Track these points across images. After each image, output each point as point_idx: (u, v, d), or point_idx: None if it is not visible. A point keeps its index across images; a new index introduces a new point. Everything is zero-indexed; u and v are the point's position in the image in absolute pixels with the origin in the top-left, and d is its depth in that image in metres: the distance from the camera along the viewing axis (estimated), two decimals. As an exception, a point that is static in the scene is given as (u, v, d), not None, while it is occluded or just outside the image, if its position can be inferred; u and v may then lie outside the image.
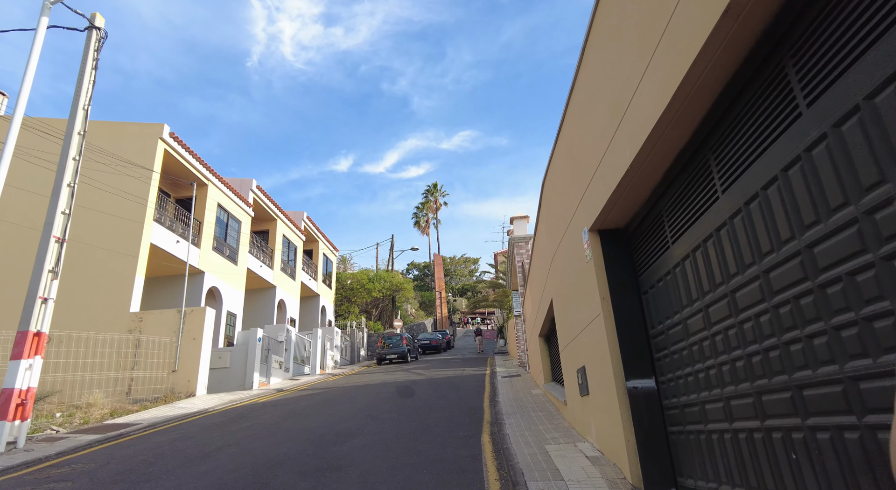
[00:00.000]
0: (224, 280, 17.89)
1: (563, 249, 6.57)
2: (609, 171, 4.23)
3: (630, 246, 5.01)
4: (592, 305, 5.15)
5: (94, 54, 8.76)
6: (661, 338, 4.41)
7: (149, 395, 11.74)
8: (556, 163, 6.68)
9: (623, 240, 5.03)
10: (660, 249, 4.26)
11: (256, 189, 20.85)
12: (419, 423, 8.03)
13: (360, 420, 8.64)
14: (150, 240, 14.02)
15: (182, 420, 9.45)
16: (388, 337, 24.81)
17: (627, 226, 4.95)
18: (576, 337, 6.16)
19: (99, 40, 8.84)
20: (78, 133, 8.40)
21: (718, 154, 3.15)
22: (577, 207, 5.46)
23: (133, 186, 13.95)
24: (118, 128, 14.89)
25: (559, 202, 6.63)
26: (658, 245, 4.29)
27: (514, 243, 16.46)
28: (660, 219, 4.21)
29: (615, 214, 4.71)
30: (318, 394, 13.09)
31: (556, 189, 6.90)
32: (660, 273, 4.29)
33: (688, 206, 3.64)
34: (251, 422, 8.99)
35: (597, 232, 5.09)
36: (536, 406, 8.89)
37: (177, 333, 12.75)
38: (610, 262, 4.98)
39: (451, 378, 15.20)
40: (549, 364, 11.12)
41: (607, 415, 5.01)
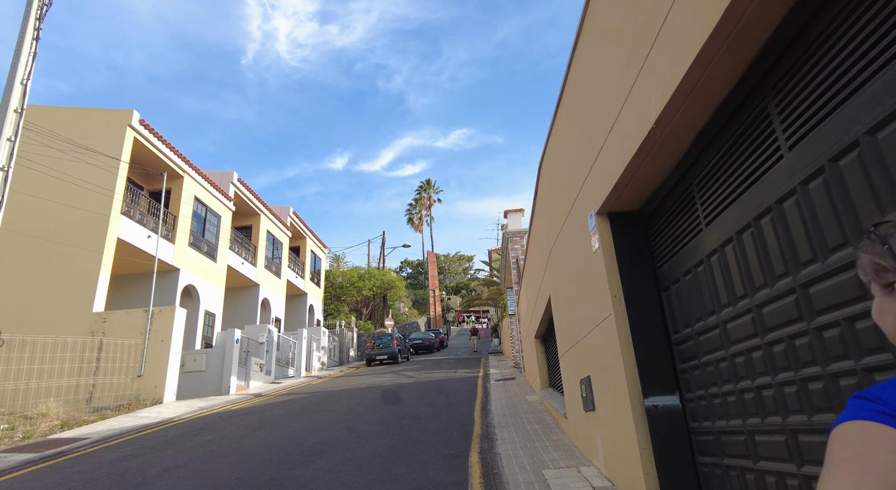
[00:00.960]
0: (201, 278, 16.91)
1: (563, 239, 5.69)
2: (625, 136, 3.35)
3: (647, 232, 4.14)
4: (601, 304, 4.27)
5: (35, 23, 7.79)
6: (687, 345, 3.54)
7: (111, 403, 10.78)
8: (556, 136, 5.80)
9: (638, 225, 4.15)
10: (688, 234, 3.38)
11: (238, 182, 19.86)
12: (400, 437, 7.14)
13: (335, 432, 7.74)
14: (116, 234, 13.02)
15: (139, 432, 8.51)
16: (377, 337, 23.90)
17: (644, 207, 4.07)
18: (579, 341, 5.28)
19: (42, 7, 7.86)
20: (14, 111, 7.43)
21: (785, 97, 2.27)
22: (582, 187, 4.57)
23: (99, 177, 12.95)
24: (83, 114, 13.88)
25: (559, 183, 5.75)
26: (685, 228, 3.41)
27: (508, 238, 15.58)
28: (688, 195, 3.33)
29: (630, 193, 3.83)
30: (297, 399, 12.18)
31: (556, 168, 6.03)
32: (687, 264, 3.42)
33: (731, 174, 2.76)
34: (215, 434, 8.06)
35: (606, 216, 4.21)
36: (532, 417, 8.02)
37: (144, 335, 11.79)
38: (623, 251, 4.11)
39: (442, 381, 14.32)
40: (546, 368, 10.25)
41: (619, 437, 4.13)
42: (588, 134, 4.28)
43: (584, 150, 4.42)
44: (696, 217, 3.26)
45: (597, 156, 4.04)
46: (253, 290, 21.01)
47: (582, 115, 4.46)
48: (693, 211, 3.29)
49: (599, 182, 4.06)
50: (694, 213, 3.28)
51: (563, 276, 6.00)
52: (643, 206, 4.07)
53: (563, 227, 5.60)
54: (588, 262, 4.60)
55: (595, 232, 4.27)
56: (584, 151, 4.45)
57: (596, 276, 4.35)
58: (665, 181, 3.56)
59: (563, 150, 5.37)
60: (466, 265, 66.02)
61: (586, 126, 4.32)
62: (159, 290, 15.17)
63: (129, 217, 13.69)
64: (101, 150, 12.90)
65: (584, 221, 4.61)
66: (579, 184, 4.67)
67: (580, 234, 4.81)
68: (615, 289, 4.00)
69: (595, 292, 4.42)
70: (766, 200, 2.45)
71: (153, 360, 11.68)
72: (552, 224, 6.45)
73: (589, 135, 4.25)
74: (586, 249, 4.60)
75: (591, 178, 4.30)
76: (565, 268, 5.80)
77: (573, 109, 4.78)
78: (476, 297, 33.52)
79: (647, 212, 4.05)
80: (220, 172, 19.56)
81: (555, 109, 5.56)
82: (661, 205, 3.82)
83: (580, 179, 4.62)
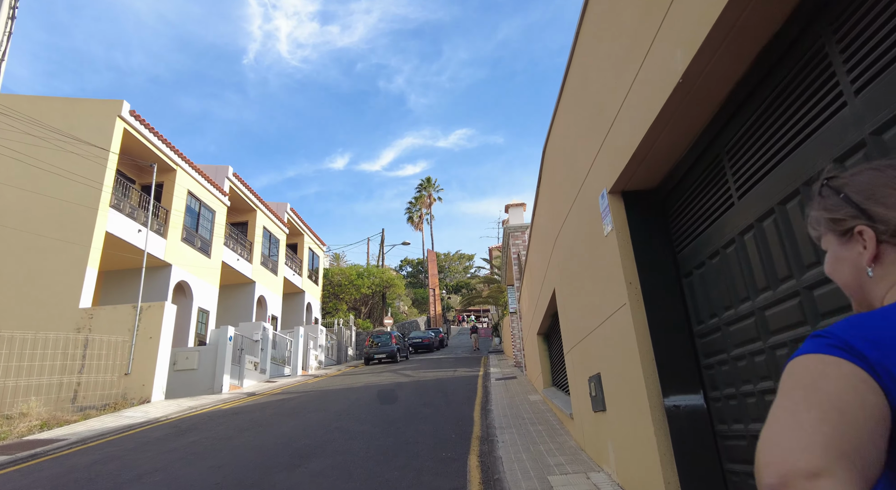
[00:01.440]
0: (195, 274, 16.50)
1: (570, 225, 5.27)
2: (644, 99, 2.93)
3: (665, 213, 3.72)
4: (613, 293, 3.86)
5: (11, 1, 7.39)
6: (713, 337, 3.13)
7: (97, 402, 10.37)
8: (563, 112, 5.37)
9: (656, 205, 3.74)
10: (715, 211, 2.97)
11: (233, 177, 19.45)
12: (395, 439, 6.73)
13: (327, 433, 7.33)
14: (105, 228, 12.61)
15: (121, 433, 8.11)
16: (376, 335, 23.48)
17: (661, 185, 3.65)
18: (588, 335, 4.86)
19: (18, -15, 7.45)
20: (-13, 92, 7.02)
21: (849, 31, 1.86)
22: (592, 165, 4.16)
23: (87, 169, 12.53)
24: (72, 104, 13.47)
25: (566, 165, 5.34)
26: (711, 205, 3.00)
27: (509, 233, 15.15)
28: (717, 165, 2.92)
29: (647, 168, 3.41)
30: (291, 398, 11.77)
31: (562, 149, 5.61)
32: (714, 245, 3.00)
33: (775, 133, 2.34)
34: (200, 435, 7.65)
35: (620, 195, 3.79)
36: (535, 417, 7.60)
37: (131, 332, 11.38)
38: (638, 234, 3.69)
39: (441, 380, 13.91)
40: (549, 366, 9.83)
41: (634, 441, 3.72)
42: (599, 104, 3.86)
43: (595, 123, 4.01)
44: (725, 190, 2.84)
45: (609, 127, 3.62)
46: (249, 287, 20.60)
47: (593, 83, 4.04)
48: (722, 183, 2.88)
49: (612, 157, 3.65)
50: (723, 186, 2.87)
51: (570, 266, 5.59)
52: (661, 183, 3.65)
53: (569, 213, 5.18)
54: (599, 247, 4.18)
55: (607, 213, 3.85)
56: (594, 124, 4.03)
57: (608, 263, 3.94)
58: (688, 151, 3.14)
59: (571, 127, 4.95)
60: (467, 264, 65.61)
61: (598, 95, 3.90)
62: (151, 285, 14.77)
63: (118, 210, 13.28)
64: (91, 142, 12.50)
65: (594, 203, 4.19)
66: (589, 162, 4.25)
67: (589, 218, 4.40)
68: (630, 275, 3.58)
69: (607, 280, 4.01)
70: (823, 159, 2.03)
71: (141, 357, 11.27)
72: (557, 211, 6.03)
73: (600, 105, 3.83)
74: (597, 234, 4.19)
75: (602, 153, 3.88)
76: (572, 256, 5.38)
77: (582, 79, 4.36)
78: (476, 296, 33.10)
79: (666, 190, 3.63)
80: (215, 167, 19.15)
81: (562, 83, 5.13)
82: (683, 181, 3.40)
83: (590, 157, 4.20)
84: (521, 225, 15.01)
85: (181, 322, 15.89)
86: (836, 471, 0.49)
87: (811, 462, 0.50)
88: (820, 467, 0.50)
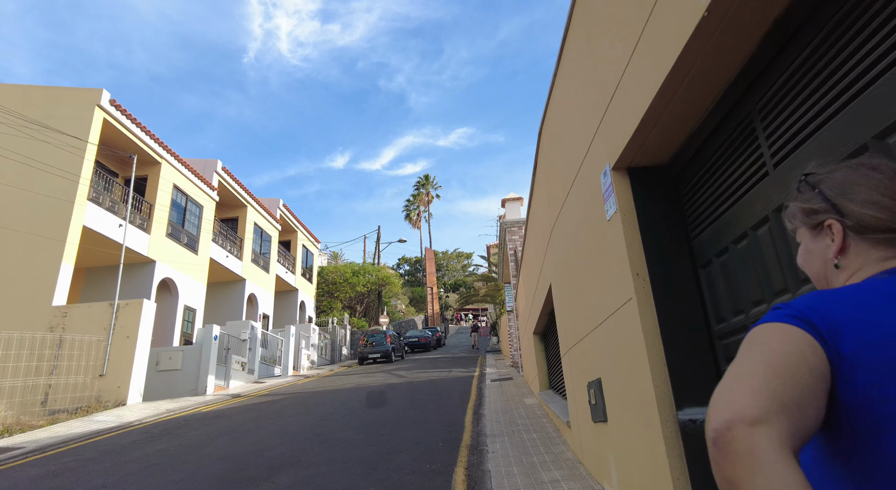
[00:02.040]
0: (181, 271, 15.95)
1: (568, 210, 4.73)
2: (657, 45, 2.39)
3: (678, 192, 3.18)
4: (617, 286, 3.31)
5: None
6: (738, 338, 2.58)
7: (69, 405, 9.83)
8: (562, 79, 4.81)
9: (667, 183, 3.20)
10: (742, 185, 2.42)
11: (222, 171, 18.88)
12: (378, 448, 6.19)
13: (305, 440, 6.79)
14: (82, 222, 12.05)
15: (86, 440, 7.56)
16: (371, 334, 22.93)
17: (674, 160, 3.11)
18: (587, 335, 4.32)
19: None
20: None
21: None
22: (594, 137, 3.61)
23: (64, 160, 11.98)
24: (49, 93, 12.91)
25: (564, 144, 4.80)
26: (738, 178, 2.45)
27: (505, 228, 14.59)
28: (745, 128, 2.36)
29: (658, 138, 2.87)
30: (276, 401, 11.23)
31: (560, 125, 5.07)
32: (741, 225, 2.46)
33: (828, 79, 1.80)
34: (170, 442, 7.11)
35: (626, 172, 3.24)
36: (530, 423, 7.06)
37: (108, 331, 10.83)
38: (647, 217, 3.14)
39: (435, 381, 13.38)
40: (545, 367, 9.30)
41: (641, 459, 3.18)
42: (604, 60, 3.31)
43: (598, 89, 3.46)
44: (757, 157, 2.29)
45: (615, 90, 3.07)
46: (239, 284, 20.05)
47: (597, 38, 3.49)
48: (752, 150, 2.33)
49: (617, 126, 3.10)
50: (754, 153, 2.32)
51: (568, 258, 5.04)
52: (673, 157, 3.11)
53: (567, 197, 4.64)
54: (600, 234, 3.63)
55: (610, 194, 3.31)
56: (597, 90, 3.49)
57: (611, 252, 3.39)
58: (710, 113, 2.59)
59: (571, 94, 4.40)
60: (465, 262, 65.09)
61: (602, 49, 3.34)
62: (133, 283, 14.22)
63: (97, 204, 12.71)
64: (68, 132, 11.94)
65: (595, 184, 3.65)
66: (590, 134, 3.70)
67: (590, 201, 3.85)
68: (637, 265, 3.04)
69: (610, 272, 3.46)
70: None
71: (117, 357, 10.72)
72: (554, 198, 5.48)
73: (605, 61, 3.28)
74: (598, 219, 3.64)
75: (605, 124, 3.33)
76: (570, 246, 4.83)
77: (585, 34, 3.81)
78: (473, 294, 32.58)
79: (679, 165, 3.08)
80: (203, 160, 18.59)
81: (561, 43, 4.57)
82: (700, 152, 2.85)
83: (591, 128, 3.66)
84: (518, 220, 14.46)
85: (166, 320, 15.35)
86: (775, 420, 0.54)
87: (754, 410, 0.54)
88: (761, 416, 0.54)
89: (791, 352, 0.60)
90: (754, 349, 0.63)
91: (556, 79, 4.91)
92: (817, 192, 0.79)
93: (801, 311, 0.66)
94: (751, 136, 2.34)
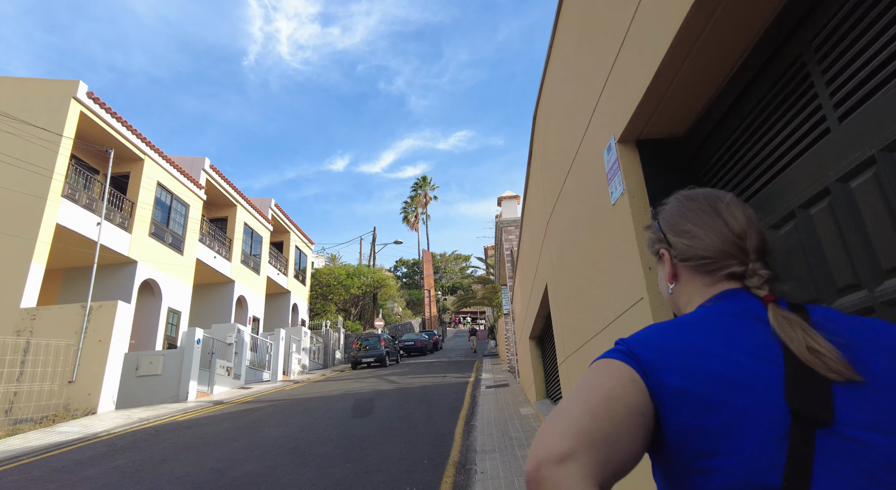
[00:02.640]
0: (164, 271, 15.35)
1: (566, 198, 4.15)
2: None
3: (697, 170, 2.60)
4: (625, 285, 2.73)
5: None
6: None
7: (35, 414, 9.22)
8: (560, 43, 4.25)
9: (684, 158, 2.62)
10: (787, 152, 1.84)
11: (210, 169, 18.30)
12: (356, 465, 5.59)
13: (277, 456, 6.19)
14: (55, 219, 11.45)
15: (42, 454, 6.96)
16: (364, 338, 22.31)
17: (693, 131, 2.53)
18: (588, 342, 3.73)
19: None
20: None
21: None
22: (597, 106, 3.03)
23: (37, 155, 11.40)
24: (21, 84, 12.33)
25: (561, 120, 4.23)
26: (782, 141, 1.87)
27: (501, 228, 14.01)
28: (797, 73, 1.78)
29: (675, 103, 2.29)
30: (257, 409, 10.62)
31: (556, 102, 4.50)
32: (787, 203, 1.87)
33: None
34: (131, 457, 6.51)
35: (634, 146, 2.66)
36: (525, 437, 6.47)
37: (79, 334, 10.23)
38: (659, 200, 2.56)
39: (427, 387, 12.78)
40: (542, 375, 8.71)
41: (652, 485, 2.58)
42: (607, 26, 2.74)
43: (602, 41, 2.89)
44: (813, 111, 1.72)
45: (623, 38, 2.50)
46: (227, 286, 19.45)
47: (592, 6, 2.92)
48: (806, 102, 1.75)
49: (624, 87, 2.53)
50: (807, 106, 1.74)
51: (565, 254, 4.46)
52: (692, 127, 2.52)
53: (565, 182, 4.06)
54: (604, 223, 3.05)
55: (616, 173, 2.73)
56: (600, 42, 2.91)
57: (617, 243, 2.81)
58: (744, 64, 2.01)
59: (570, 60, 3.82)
60: (464, 265, 64.49)
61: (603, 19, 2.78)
62: (112, 284, 13.63)
63: (72, 201, 12.12)
64: (40, 125, 11.36)
65: (597, 163, 3.07)
66: (591, 104, 3.12)
67: (591, 184, 3.27)
68: (650, 258, 2.46)
69: (615, 268, 2.88)
70: None
71: (89, 363, 10.11)
72: (550, 185, 4.90)
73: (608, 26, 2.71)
74: (600, 204, 3.07)
75: (611, 86, 2.75)
76: (568, 240, 4.25)
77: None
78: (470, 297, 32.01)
79: (699, 137, 2.49)
80: (191, 158, 18.02)
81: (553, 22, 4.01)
82: (728, 118, 2.27)
83: (592, 97, 3.08)
84: (515, 219, 13.88)
85: (148, 323, 14.76)
86: (580, 457, 0.53)
87: (561, 449, 0.54)
88: (567, 454, 0.53)
89: (610, 387, 0.61)
90: (582, 386, 0.63)
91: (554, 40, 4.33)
92: (656, 223, 0.85)
93: (630, 346, 0.67)
94: (803, 83, 1.75)
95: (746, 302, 0.70)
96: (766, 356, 0.62)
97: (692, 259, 0.76)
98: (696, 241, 0.76)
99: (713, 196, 0.81)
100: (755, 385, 0.59)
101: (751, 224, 0.75)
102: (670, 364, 0.63)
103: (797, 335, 0.62)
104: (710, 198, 0.80)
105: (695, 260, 0.76)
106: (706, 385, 0.60)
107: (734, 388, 0.59)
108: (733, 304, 0.70)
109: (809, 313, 0.68)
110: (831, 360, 0.59)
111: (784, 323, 0.64)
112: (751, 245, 0.74)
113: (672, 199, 0.86)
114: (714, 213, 0.77)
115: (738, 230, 0.74)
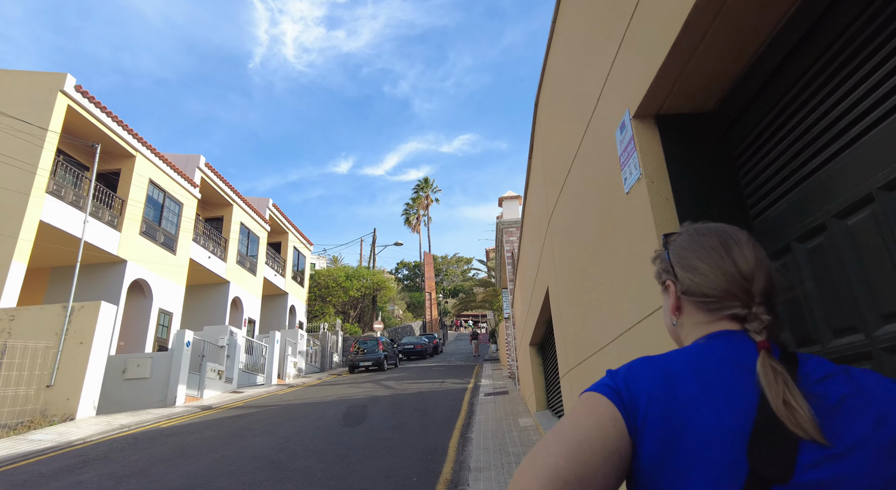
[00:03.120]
0: (156, 271, 14.95)
1: (570, 189, 3.71)
2: None
3: (730, 151, 2.15)
4: (642, 289, 2.28)
5: None
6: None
7: (9, 420, 8.80)
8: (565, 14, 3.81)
9: (714, 138, 2.17)
10: (867, 114, 1.39)
11: (205, 167, 17.92)
12: (339, 482, 5.15)
13: (256, 471, 5.74)
14: (39, 216, 11.06)
15: (7, 464, 6.53)
16: (363, 341, 21.86)
17: (725, 104, 2.06)
18: (595, 353, 3.27)
19: None
20: None
21: None
22: (608, 78, 2.57)
23: (20, 149, 11.02)
24: (6, 77, 11.97)
25: (565, 101, 3.79)
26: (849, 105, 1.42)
27: (502, 229, 13.56)
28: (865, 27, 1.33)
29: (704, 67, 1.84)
30: (246, 415, 10.18)
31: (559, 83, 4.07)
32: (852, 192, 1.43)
33: None
34: (98, 471, 6.07)
35: (654, 121, 2.20)
36: (523, 452, 6.00)
37: (59, 336, 9.81)
38: (684, 186, 2.11)
39: (424, 394, 12.33)
40: (542, 384, 8.25)
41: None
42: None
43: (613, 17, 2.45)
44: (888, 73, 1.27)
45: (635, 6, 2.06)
46: (222, 287, 19.04)
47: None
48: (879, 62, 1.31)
49: (641, 53, 2.07)
50: (882, 65, 1.30)
51: (569, 252, 4.01)
52: (723, 101, 2.07)
53: (570, 172, 3.61)
54: (616, 215, 2.59)
55: (632, 153, 2.26)
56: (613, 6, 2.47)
57: (633, 238, 2.35)
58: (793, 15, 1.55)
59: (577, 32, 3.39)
60: (465, 267, 64.02)
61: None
62: (100, 284, 13.24)
63: (58, 197, 11.73)
64: (24, 118, 10.98)
65: (608, 144, 2.62)
66: (601, 78, 2.67)
67: (600, 168, 2.82)
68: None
69: (629, 268, 2.43)
70: None
71: (68, 366, 9.70)
72: (552, 177, 4.45)
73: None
74: (612, 194, 2.61)
75: (624, 52, 2.30)
76: (573, 236, 3.79)
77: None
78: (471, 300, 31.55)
79: (732, 112, 2.03)
80: (186, 156, 17.64)
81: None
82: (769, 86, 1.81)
83: (603, 67, 2.63)
84: (516, 220, 13.43)
85: (138, 325, 14.36)
86: None
87: (534, 488, 0.56)
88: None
89: (590, 427, 0.62)
90: (563, 422, 0.64)
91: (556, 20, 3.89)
92: (665, 253, 0.84)
93: (616, 380, 0.68)
94: (878, 35, 1.31)
95: (739, 346, 0.70)
96: (741, 407, 0.62)
97: (696, 295, 0.76)
98: (702, 278, 0.76)
99: (726, 234, 0.79)
100: (723, 436, 0.60)
101: (760, 266, 0.75)
102: (648, 410, 0.63)
103: (777, 387, 0.62)
104: (723, 235, 0.79)
105: (698, 296, 0.76)
106: (675, 430, 0.61)
107: (700, 437, 0.60)
108: (726, 347, 0.70)
109: (801, 364, 0.68)
110: (802, 418, 0.59)
111: (769, 373, 0.63)
112: (757, 288, 0.73)
113: (684, 230, 0.85)
114: (724, 251, 0.76)
115: (747, 271, 0.74)
